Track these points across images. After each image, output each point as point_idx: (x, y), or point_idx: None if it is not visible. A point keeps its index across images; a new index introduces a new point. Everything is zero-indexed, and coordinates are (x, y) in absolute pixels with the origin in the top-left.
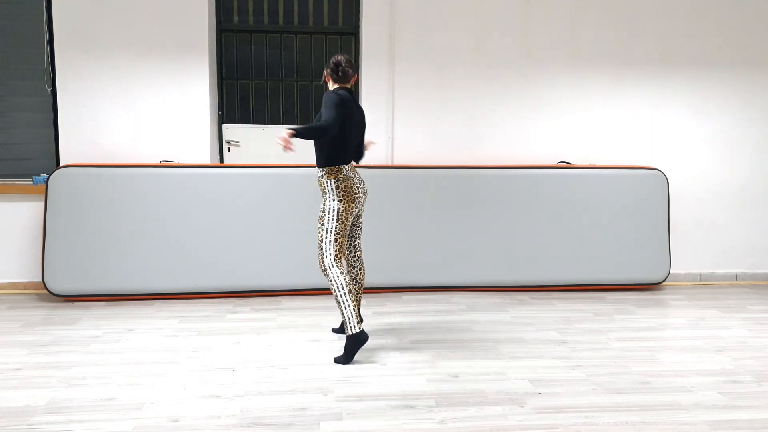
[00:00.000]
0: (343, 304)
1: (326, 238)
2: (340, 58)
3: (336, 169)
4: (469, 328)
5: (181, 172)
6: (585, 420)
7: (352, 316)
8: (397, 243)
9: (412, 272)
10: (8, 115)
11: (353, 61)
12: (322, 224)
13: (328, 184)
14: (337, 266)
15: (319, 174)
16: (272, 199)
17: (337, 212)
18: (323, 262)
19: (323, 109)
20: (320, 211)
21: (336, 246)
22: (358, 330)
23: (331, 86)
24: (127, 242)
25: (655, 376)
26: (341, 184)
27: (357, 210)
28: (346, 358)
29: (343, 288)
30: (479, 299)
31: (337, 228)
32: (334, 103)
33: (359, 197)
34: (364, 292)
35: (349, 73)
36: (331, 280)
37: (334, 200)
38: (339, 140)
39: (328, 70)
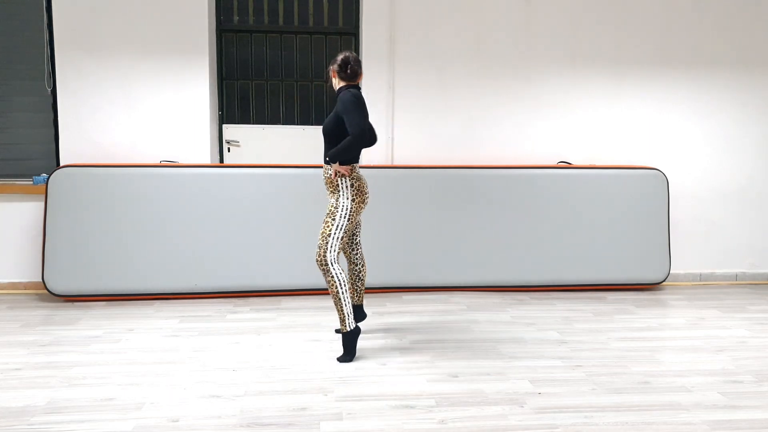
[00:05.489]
0: (344, 301)
1: (334, 234)
2: (349, 55)
3: (350, 168)
4: (469, 328)
5: (181, 172)
6: (585, 420)
7: (350, 313)
8: (397, 243)
9: (412, 272)
10: (8, 115)
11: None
12: (333, 220)
13: (343, 182)
14: (338, 263)
15: (331, 171)
16: (272, 199)
17: (349, 211)
18: (325, 257)
19: (345, 115)
20: (331, 206)
21: (340, 244)
22: (353, 327)
23: (337, 84)
24: (127, 242)
25: (655, 376)
26: (355, 183)
27: (364, 210)
28: (350, 355)
29: (344, 285)
30: (479, 299)
31: (346, 227)
32: (355, 104)
33: (367, 197)
34: (365, 292)
35: (358, 71)
36: (333, 276)
37: (348, 198)
38: None
39: (335, 67)
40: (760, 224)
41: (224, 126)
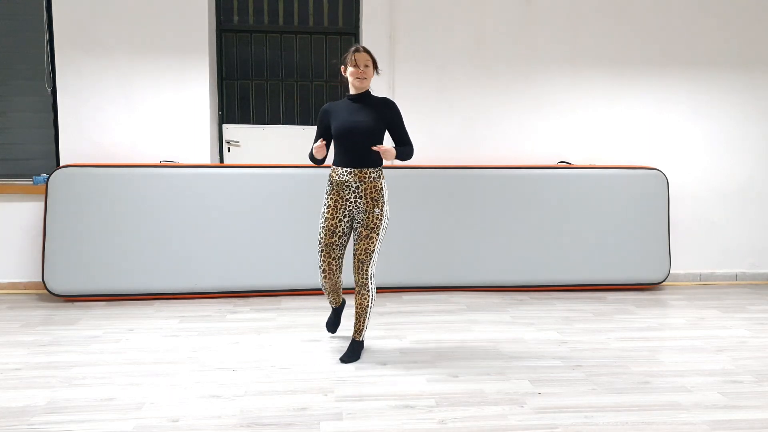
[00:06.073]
0: (370, 314)
1: (378, 248)
2: None
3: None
4: (469, 328)
5: (181, 172)
6: (585, 420)
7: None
8: (397, 243)
9: (412, 272)
10: (8, 115)
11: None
12: (378, 234)
13: (384, 185)
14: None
15: (375, 175)
16: (272, 199)
17: (389, 217)
18: (368, 271)
19: (402, 126)
20: (375, 218)
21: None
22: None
23: (369, 82)
24: (127, 242)
25: (655, 376)
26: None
27: None
28: (357, 357)
29: (374, 299)
30: (479, 299)
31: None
32: None
33: None
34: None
35: None
36: (369, 291)
37: (387, 204)
38: None
39: (375, 64)
40: (760, 224)
41: (224, 126)
